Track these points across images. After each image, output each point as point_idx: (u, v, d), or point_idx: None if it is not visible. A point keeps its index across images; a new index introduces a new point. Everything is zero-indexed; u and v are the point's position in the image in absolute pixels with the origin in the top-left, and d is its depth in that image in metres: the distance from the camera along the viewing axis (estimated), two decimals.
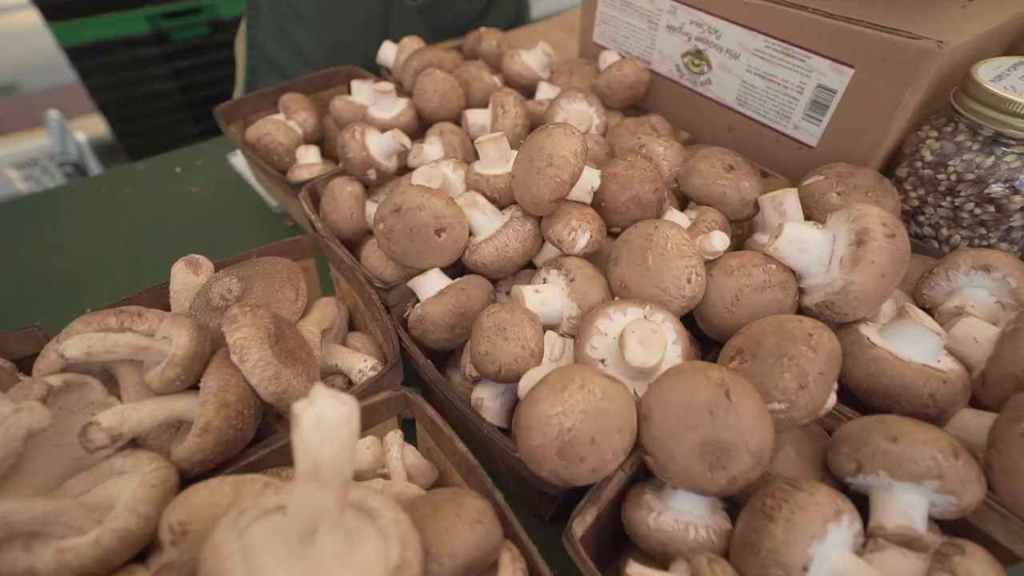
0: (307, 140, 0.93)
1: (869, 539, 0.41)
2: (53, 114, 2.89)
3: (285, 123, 0.90)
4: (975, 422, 0.46)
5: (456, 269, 0.63)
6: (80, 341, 0.41)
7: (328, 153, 0.95)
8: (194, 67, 2.50)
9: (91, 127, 3.12)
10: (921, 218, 0.67)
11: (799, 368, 0.43)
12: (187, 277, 0.58)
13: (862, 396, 0.49)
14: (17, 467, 0.40)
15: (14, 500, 0.35)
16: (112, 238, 0.95)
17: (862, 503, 0.43)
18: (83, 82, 2.40)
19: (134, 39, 2.35)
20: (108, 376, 0.50)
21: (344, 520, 0.33)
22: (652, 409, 0.43)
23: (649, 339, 0.46)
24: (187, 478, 0.43)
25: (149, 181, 1.07)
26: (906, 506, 0.41)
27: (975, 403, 0.48)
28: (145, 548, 0.39)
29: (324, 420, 0.30)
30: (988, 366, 0.47)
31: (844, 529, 0.40)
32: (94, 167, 2.75)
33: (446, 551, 0.37)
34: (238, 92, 1.33)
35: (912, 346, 0.47)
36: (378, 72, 1.09)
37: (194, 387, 0.47)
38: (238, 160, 1.10)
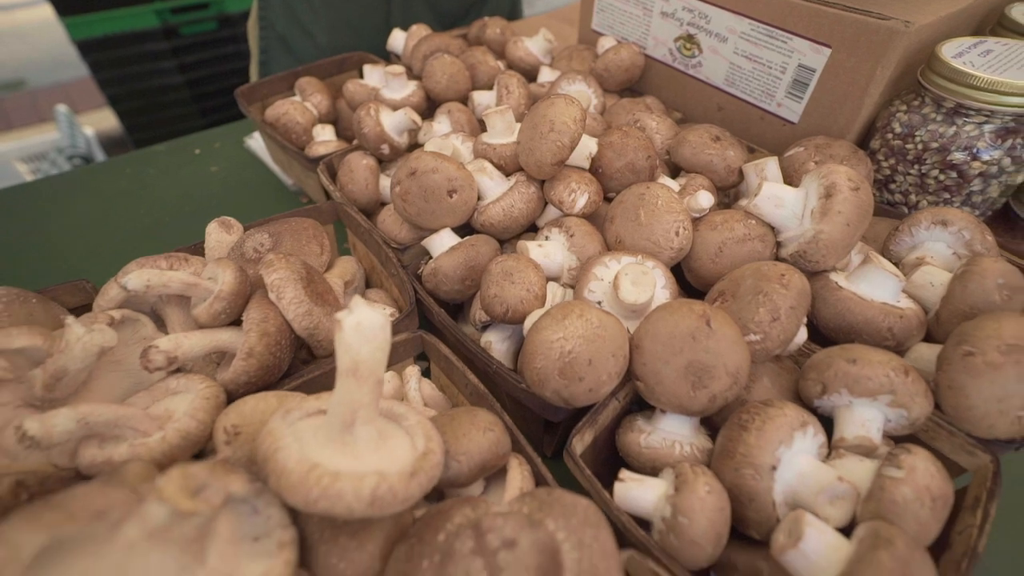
0: (321, 121, 0.99)
1: (832, 451, 0.47)
2: (62, 108, 2.95)
3: (302, 104, 0.96)
4: (928, 353, 0.51)
5: (465, 231, 0.68)
6: (140, 275, 0.46)
7: (341, 134, 1.01)
8: (201, 61, 2.56)
9: (96, 121, 3.19)
10: (892, 186, 0.72)
11: (772, 303, 0.49)
12: (220, 235, 0.64)
13: (830, 334, 0.55)
14: (86, 385, 0.46)
15: (93, 404, 0.41)
16: (137, 213, 1.01)
17: (827, 427, 0.49)
18: (94, 75, 2.45)
19: (143, 33, 2.40)
20: (155, 318, 0.55)
21: (377, 415, 0.39)
22: (642, 339, 0.49)
23: (640, 280, 0.52)
24: (232, 400, 0.49)
25: (170, 162, 1.13)
26: (864, 419, 0.46)
27: (931, 339, 0.54)
28: (199, 454, 0.45)
29: (363, 325, 0.36)
30: (941, 305, 0.53)
31: (809, 439, 0.46)
32: (101, 160, 2.82)
33: (463, 451, 0.42)
34: (253, 71, 1.39)
35: (874, 288, 0.53)
36: (387, 58, 1.15)
37: (234, 324, 0.52)
38: (254, 143, 1.15)
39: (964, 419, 0.46)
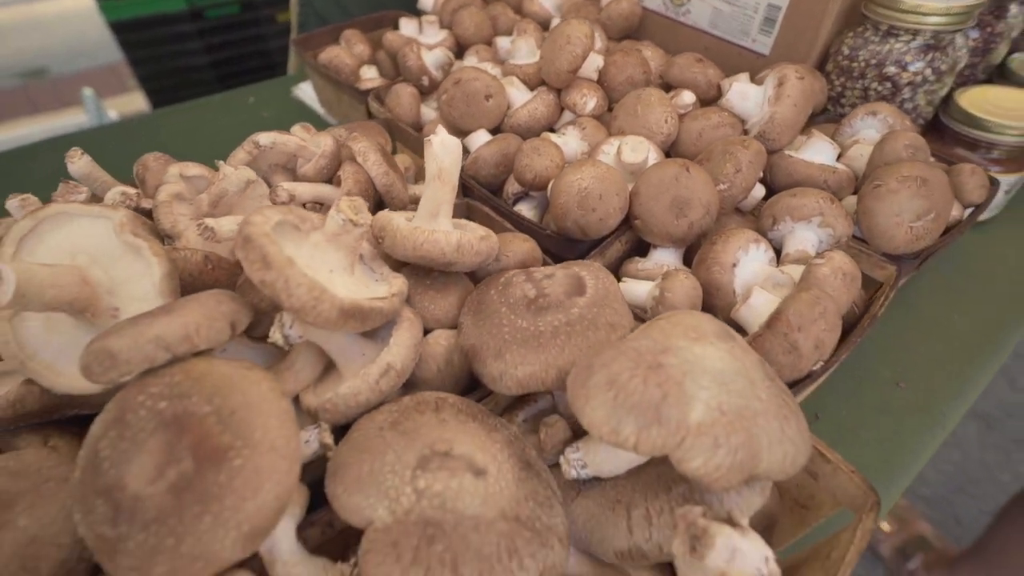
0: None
1: (779, 264, 0.64)
2: (88, 91, 3.12)
3: (348, 50, 1.12)
4: (855, 202, 0.68)
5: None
6: (269, 135, 0.63)
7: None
8: (225, 43, 2.72)
9: (116, 106, 3.35)
10: (843, 100, 0.89)
11: (735, 159, 0.65)
12: (303, 133, 0.80)
13: (781, 191, 0.71)
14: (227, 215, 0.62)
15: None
16: (200, 149, 1.16)
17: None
18: (125, 55, 2.62)
19: (171, 16, 2.57)
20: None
21: (451, 214, 0.55)
22: (639, 186, 0.65)
23: (637, 147, 0.68)
24: None
25: (227, 108, 1.29)
26: (802, 238, 0.63)
27: None
28: None
29: (445, 142, 0.52)
30: (866, 167, 0.69)
31: (762, 252, 0.62)
32: None
33: (510, 250, 0.59)
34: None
35: (815, 154, 0.70)
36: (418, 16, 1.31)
37: (327, 183, 0.69)
38: (300, 92, 1.32)
39: (874, 235, 0.62)
